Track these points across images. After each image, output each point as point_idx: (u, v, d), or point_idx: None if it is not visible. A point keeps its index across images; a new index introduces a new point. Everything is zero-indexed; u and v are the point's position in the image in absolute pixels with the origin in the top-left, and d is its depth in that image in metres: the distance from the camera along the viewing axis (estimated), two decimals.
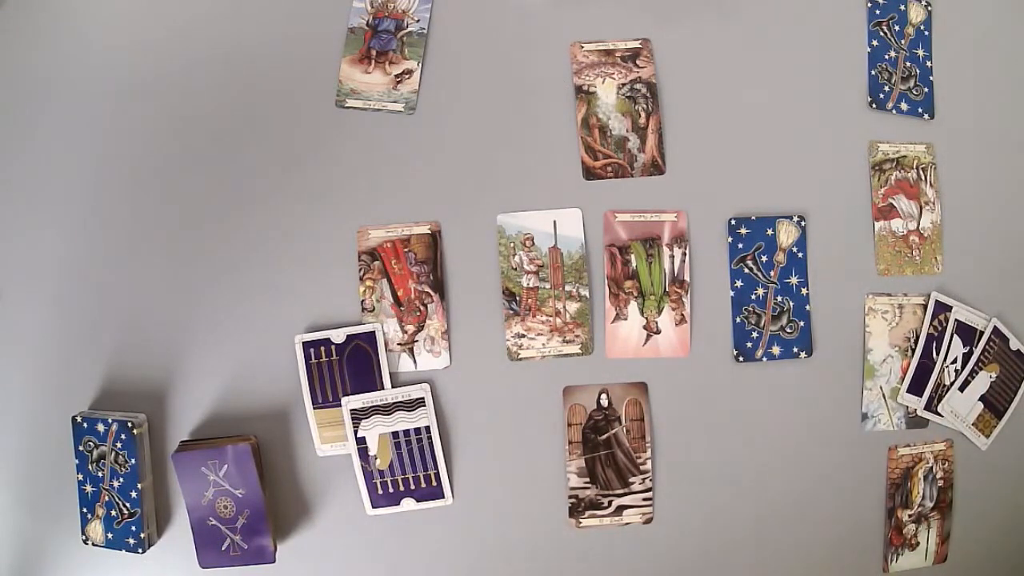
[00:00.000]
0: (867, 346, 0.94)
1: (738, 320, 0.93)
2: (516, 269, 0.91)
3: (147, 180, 0.91)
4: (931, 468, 0.96)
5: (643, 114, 0.94)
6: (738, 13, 0.97)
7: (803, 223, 0.94)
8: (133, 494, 0.85)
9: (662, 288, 0.92)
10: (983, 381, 0.95)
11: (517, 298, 0.91)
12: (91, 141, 0.91)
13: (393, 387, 0.89)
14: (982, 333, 0.96)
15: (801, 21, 0.98)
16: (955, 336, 0.95)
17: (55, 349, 0.90)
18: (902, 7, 1.00)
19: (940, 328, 0.95)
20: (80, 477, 0.86)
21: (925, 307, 0.95)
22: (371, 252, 0.90)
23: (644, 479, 0.92)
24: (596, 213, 0.92)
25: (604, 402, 0.91)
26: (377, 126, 0.92)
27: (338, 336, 0.88)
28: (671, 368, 0.92)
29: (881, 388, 0.95)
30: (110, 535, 0.86)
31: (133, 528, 0.85)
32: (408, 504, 0.89)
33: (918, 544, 0.96)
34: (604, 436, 0.92)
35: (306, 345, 0.88)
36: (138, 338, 0.90)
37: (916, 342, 0.95)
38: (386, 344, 0.89)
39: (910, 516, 0.96)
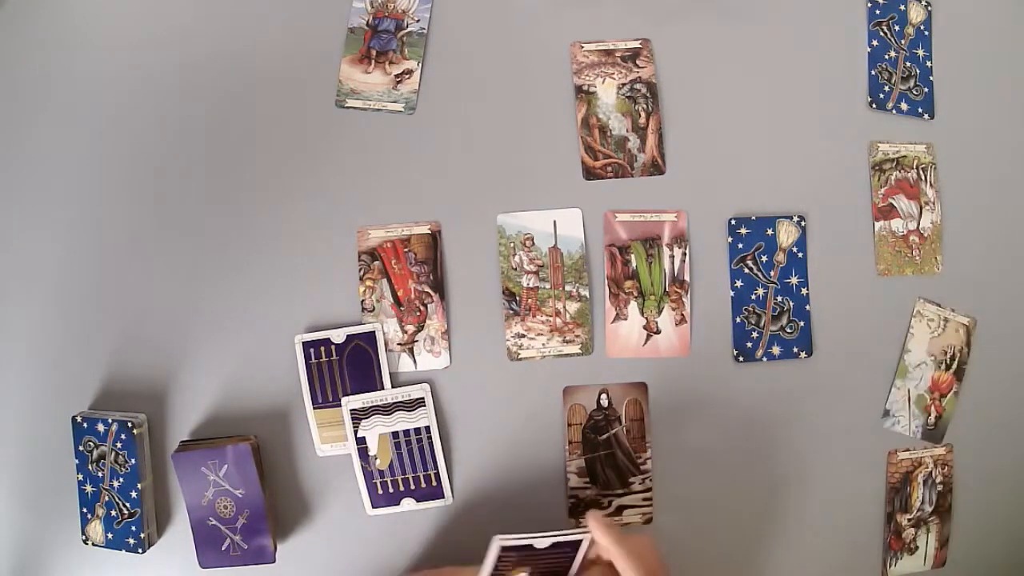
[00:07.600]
0: (906, 346, 0.94)
1: (738, 320, 0.93)
2: (516, 269, 0.91)
3: (147, 180, 0.91)
4: (931, 472, 0.96)
5: (643, 114, 0.94)
6: (738, 13, 0.97)
7: (803, 223, 0.94)
8: (133, 494, 0.85)
9: (662, 288, 0.92)
10: None
11: (517, 298, 0.91)
12: (91, 141, 0.91)
13: (393, 387, 0.89)
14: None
15: (801, 21, 0.98)
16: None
17: (55, 349, 0.90)
18: (902, 7, 1.00)
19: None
20: (80, 477, 0.86)
21: (967, 328, 0.95)
22: (371, 252, 0.90)
23: (644, 479, 0.92)
24: (596, 213, 0.92)
25: (604, 402, 0.91)
26: (377, 126, 0.92)
27: (338, 336, 0.88)
28: (671, 368, 0.92)
29: (909, 392, 0.94)
30: (110, 535, 0.86)
31: (133, 528, 0.85)
32: (408, 504, 0.89)
33: (917, 548, 0.96)
34: (604, 436, 0.91)
35: (306, 345, 0.88)
36: (138, 338, 0.90)
37: (952, 360, 0.95)
38: (386, 344, 0.89)
39: (909, 520, 0.95)
